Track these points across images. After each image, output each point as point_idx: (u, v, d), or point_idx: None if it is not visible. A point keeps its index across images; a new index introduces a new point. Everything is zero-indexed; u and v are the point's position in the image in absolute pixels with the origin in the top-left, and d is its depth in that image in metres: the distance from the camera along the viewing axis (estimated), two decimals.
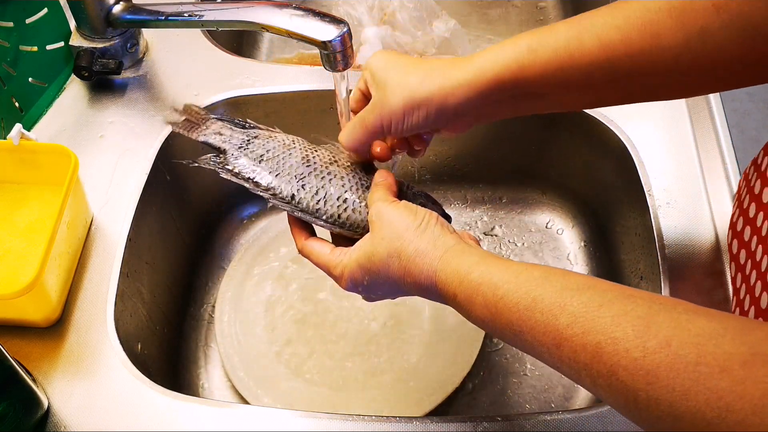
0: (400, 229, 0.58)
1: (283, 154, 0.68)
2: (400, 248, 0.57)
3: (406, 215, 0.59)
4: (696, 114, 0.83)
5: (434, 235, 0.58)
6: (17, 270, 0.71)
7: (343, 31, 0.68)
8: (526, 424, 0.63)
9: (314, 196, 0.65)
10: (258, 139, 0.68)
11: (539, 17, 1.17)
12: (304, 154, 0.68)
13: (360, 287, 0.62)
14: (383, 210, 0.60)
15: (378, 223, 0.60)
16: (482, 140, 0.92)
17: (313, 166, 0.67)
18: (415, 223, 0.59)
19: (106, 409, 0.64)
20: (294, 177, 0.66)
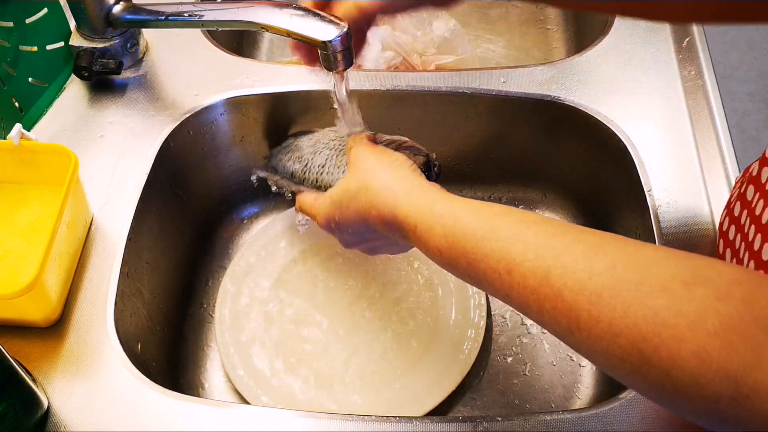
0: (370, 165, 0.63)
1: (302, 144, 0.79)
2: (368, 181, 0.61)
3: (380, 153, 0.64)
4: (696, 114, 0.83)
5: (402, 172, 0.61)
6: (17, 270, 0.71)
7: (343, 31, 0.68)
8: (526, 424, 0.63)
9: (304, 168, 0.76)
10: (299, 139, 0.81)
11: (539, 17, 1.17)
12: (315, 140, 0.77)
13: (332, 223, 0.66)
14: (360, 151, 0.65)
15: (354, 163, 0.65)
16: (482, 140, 0.92)
17: (314, 147, 0.76)
18: (386, 160, 0.62)
19: (106, 409, 0.64)
20: (297, 158, 0.76)
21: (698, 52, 0.89)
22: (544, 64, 0.89)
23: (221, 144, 0.91)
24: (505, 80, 0.87)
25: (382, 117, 0.90)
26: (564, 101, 0.85)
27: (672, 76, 0.87)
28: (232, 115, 0.89)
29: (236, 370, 0.81)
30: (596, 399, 0.80)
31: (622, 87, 0.86)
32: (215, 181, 0.94)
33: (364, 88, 0.87)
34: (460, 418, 0.64)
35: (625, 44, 0.90)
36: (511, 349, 0.84)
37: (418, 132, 0.91)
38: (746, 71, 2.16)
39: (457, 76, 0.88)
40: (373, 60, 1.01)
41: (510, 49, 1.13)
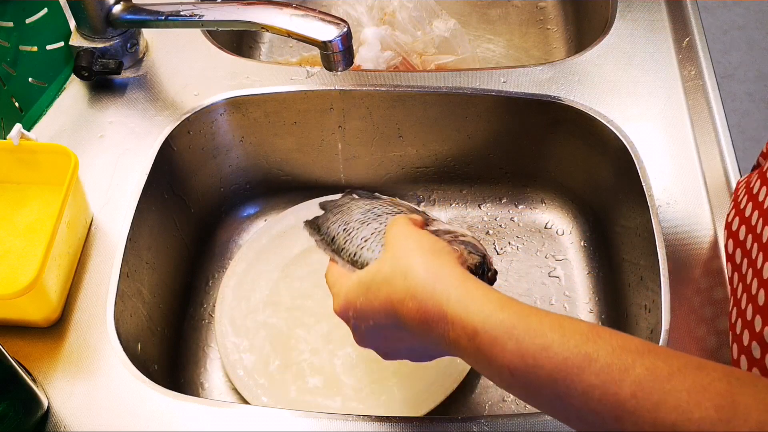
0: (410, 248, 0.51)
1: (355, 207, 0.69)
2: (407, 266, 0.49)
3: (421, 236, 0.53)
4: (696, 114, 0.83)
5: (454, 268, 0.49)
6: (17, 270, 0.71)
7: (343, 31, 0.68)
8: (526, 424, 0.63)
9: (346, 237, 0.65)
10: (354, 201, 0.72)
11: (539, 17, 1.17)
12: (367, 208, 0.67)
13: (351, 310, 0.54)
14: (398, 231, 0.54)
15: (391, 244, 0.53)
16: (482, 140, 0.92)
17: (365, 216, 0.66)
18: (427, 245, 0.51)
19: (106, 409, 0.64)
20: (344, 222, 0.67)
21: (698, 52, 0.89)
22: (544, 64, 0.89)
23: (221, 144, 0.91)
24: (505, 80, 0.87)
25: (382, 117, 0.90)
26: (564, 101, 0.85)
27: (672, 76, 0.87)
28: (232, 115, 0.89)
29: (236, 370, 0.81)
30: None
31: (622, 87, 0.86)
32: (215, 181, 0.94)
33: (364, 88, 0.87)
34: (460, 418, 0.64)
35: (625, 44, 0.90)
36: None
37: (418, 132, 0.91)
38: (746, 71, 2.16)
39: (457, 76, 0.88)
40: (372, 60, 1.01)
41: (510, 49, 1.13)
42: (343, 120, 0.91)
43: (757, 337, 0.58)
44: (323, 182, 0.97)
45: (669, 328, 0.67)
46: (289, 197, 0.96)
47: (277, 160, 0.95)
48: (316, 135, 0.92)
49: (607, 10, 0.96)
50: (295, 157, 0.95)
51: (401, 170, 0.96)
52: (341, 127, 0.91)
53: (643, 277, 0.77)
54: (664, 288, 0.70)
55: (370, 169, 0.96)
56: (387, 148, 0.94)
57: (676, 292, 0.70)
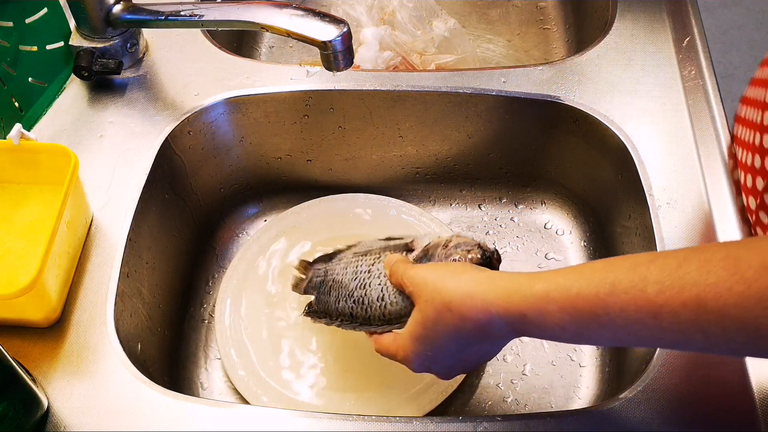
0: (437, 284, 0.57)
1: (339, 276, 0.71)
2: (446, 300, 0.55)
3: (436, 269, 0.58)
4: (696, 114, 0.83)
5: (474, 274, 0.56)
6: (17, 270, 0.71)
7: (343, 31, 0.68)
8: (526, 424, 0.63)
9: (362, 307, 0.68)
10: (332, 266, 0.73)
11: (539, 17, 1.17)
12: (352, 271, 0.70)
13: (426, 360, 0.60)
14: (412, 276, 0.59)
15: (416, 290, 0.59)
16: (482, 140, 0.92)
17: (358, 278, 0.69)
18: (449, 271, 0.57)
19: (106, 409, 0.64)
20: (346, 296, 0.69)
21: (698, 52, 0.89)
22: (544, 64, 0.89)
23: (221, 144, 0.91)
24: (505, 80, 0.87)
25: (382, 117, 0.90)
26: (564, 101, 0.85)
27: (672, 76, 0.87)
28: (232, 115, 0.89)
29: (236, 370, 0.81)
30: (596, 399, 0.80)
31: (622, 87, 0.86)
32: (215, 181, 0.94)
33: (364, 88, 0.87)
34: (460, 418, 0.64)
35: (625, 44, 0.90)
36: (510, 349, 0.84)
37: (418, 132, 0.91)
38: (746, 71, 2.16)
39: (457, 76, 0.88)
40: (370, 60, 1.01)
41: (510, 49, 1.13)
42: (343, 120, 0.91)
43: None
44: (323, 182, 0.97)
45: None
46: (289, 197, 0.96)
47: (277, 160, 0.95)
48: (316, 135, 0.92)
49: (607, 10, 0.96)
50: (295, 157, 0.95)
51: (401, 170, 0.96)
52: (341, 127, 0.91)
53: None
54: None
55: (370, 169, 0.96)
56: (387, 148, 0.94)
57: None
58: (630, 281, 0.48)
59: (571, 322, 0.51)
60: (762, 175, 0.69)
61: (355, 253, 0.71)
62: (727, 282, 0.44)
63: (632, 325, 0.48)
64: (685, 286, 0.46)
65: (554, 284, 0.52)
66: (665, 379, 0.64)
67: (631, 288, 0.48)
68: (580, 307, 0.50)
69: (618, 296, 0.48)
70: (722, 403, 0.63)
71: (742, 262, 0.44)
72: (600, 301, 0.49)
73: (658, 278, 0.47)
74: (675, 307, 0.46)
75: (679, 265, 0.47)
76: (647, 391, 0.64)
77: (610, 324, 0.49)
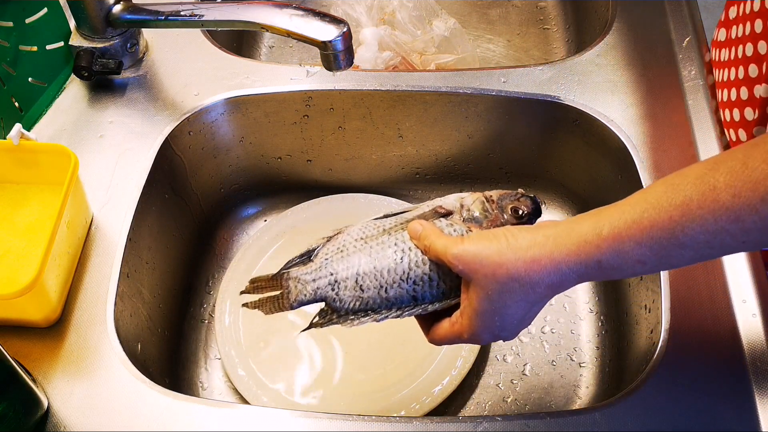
0: (494, 258, 0.54)
1: (367, 268, 0.62)
2: (510, 272, 0.53)
3: (484, 242, 0.55)
4: (696, 114, 0.83)
5: (529, 239, 0.54)
6: (17, 270, 0.71)
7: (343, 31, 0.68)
8: (526, 424, 0.63)
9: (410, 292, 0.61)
10: (333, 262, 0.63)
11: (539, 17, 1.17)
12: (380, 255, 0.62)
13: (495, 330, 0.57)
14: (460, 254, 0.56)
15: (469, 268, 0.55)
16: (482, 140, 0.92)
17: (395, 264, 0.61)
18: (501, 243, 0.54)
19: (106, 409, 0.64)
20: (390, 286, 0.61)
21: (698, 52, 0.89)
22: (544, 64, 0.89)
23: (221, 144, 0.91)
24: (505, 80, 0.87)
25: (382, 117, 0.90)
26: (564, 101, 0.85)
27: (672, 76, 0.87)
28: (232, 115, 0.89)
29: (236, 370, 0.81)
30: (596, 399, 0.80)
31: (622, 87, 0.86)
32: (215, 181, 0.94)
33: (364, 88, 0.87)
34: (460, 418, 0.64)
35: (625, 44, 0.90)
36: (510, 349, 0.84)
37: (418, 132, 0.91)
38: None
39: (457, 76, 0.88)
40: (369, 60, 1.01)
41: (510, 49, 1.13)
42: (343, 120, 0.91)
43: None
44: (323, 182, 0.97)
45: (669, 328, 0.67)
46: (289, 197, 0.96)
47: (277, 160, 0.95)
48: (316, 135, 0.92)
49: (607, 10, 0.96)
50: (295, 157, 0.95)
51: (401, 170, 0.96)
52: (341, 127, 0.91)
53: (643, 277, 0.77)
54: (664, 288, 0.70)
55: (370, 169, 0.96)
56: (387, 148, 0.94)
57: (676, 292, 0.70)
58: (701, 195, 0.47)
59: (650, 254, 0.50)
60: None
61: (362, 238, 0.63)
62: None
63: (715, 236, 0.48)
64: (758, 181, 0.45)
65: (622, 222, 0.50)
66: (665, 379, 0.64)
67: (704, 201, 0.47)
68: (658, 236, 0.49)
69: (693, 213, 0.48)
70: (722, 404, 0.63)
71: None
72: (677, 224, 0.48)
73: (727, 182, 0.46)
74: (754, 205, 0.46)
75: (744, 164, 0.46)
76: (647, 391, 0.64)
77: (692, 243, 0.49)
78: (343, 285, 0.62)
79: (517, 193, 0.63)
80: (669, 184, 0.50)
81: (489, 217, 0.62)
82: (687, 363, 0.65)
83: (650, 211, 0.50)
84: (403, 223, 0.63)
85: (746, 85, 0.75)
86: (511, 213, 0.62)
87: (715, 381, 0.64)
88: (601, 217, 0.52)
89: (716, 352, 0.66)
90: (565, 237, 0.53)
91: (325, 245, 0.64)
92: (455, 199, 0.64)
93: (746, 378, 0.64)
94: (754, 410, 0.63)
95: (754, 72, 0.74)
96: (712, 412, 0.63)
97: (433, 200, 0.64)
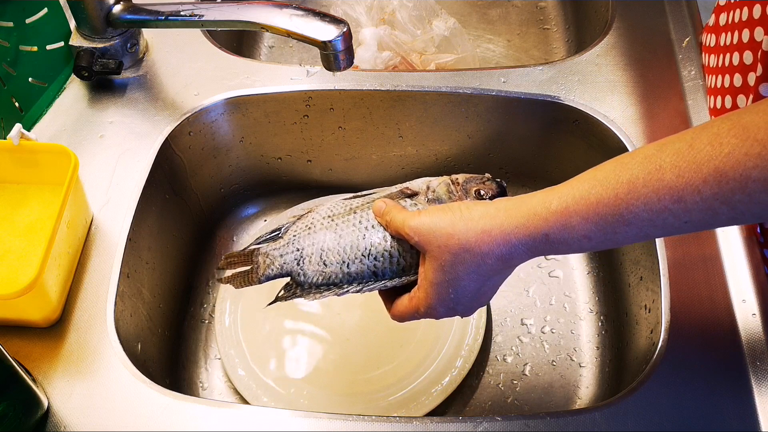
0: (447, 229, 0.56)
1: (332, 245, 0.64)
2: (462, 242, 0.55)
3: (438, 213, 0.57)
4: (696, 114, 0.83)
5: (481, 211, 0.56)
6: (17, 270, 0.71)
7: (343, 31, 0.68)
8: (526, 424, 0.63)
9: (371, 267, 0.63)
10: (300, 238, 0.65)
11: (539, 17, 1.17)
12: (345, 232, 0.64)
13: (450, 303, 0.59)
14: (416, 226, 0.57)
15: (424, 239, 0.57)
16: (482, 140, 0.92)
17: (359, 240, 0.64)
18: (455, 215, 0.56)
19: (106, 409, 0.64)
20: (351, 262, 0.63)
21: (698, 52, 0.89)
22: (544, 64, 0.89)
23: (221, 144, 0.91)
24: (505, 80, 0.87)
25: (382, 117, 0.90)
26: (564, 101, 0.85)
27: (672, 76, 0.87)
28: (232, 115, 0.89)
29: (236, 370, 0.81)
30: (596, 399, 0.80)
31: (622, 87, 0.86)
32: (215, 181, 0.94)
33: (364, 88, 0.87)
34: (460, 418, 0.64)
35: (625, 44, 0.90)
36: (510, 349, 0.84)
37: (418, 132, 0.91)
38: None
39: (457, 76, 0.88)
40: (369, 60, 1.01)
41: (510, 49, 1.13)
42: (343, 120, 0.91)
43: None
44: (323, 182, 0.97)
45: (669, 328, 0.67)
46: (289, 197, 0.97)
47: (277, 160, 0.95)
48: (316, 135, 0.92)
49: (607, 10, 0.96)
50: (295, 157, 0.95)
51: (401, 170, 0.96)
52: (341, 127, 0.91)
53: (643, 277, 0.77)
54: (664, 288, 0.70)
55: (370, 169, 0.96)
56: (387, 148, 0.94)
57: (676, 292, 0.70)
58: (646, 174, 0.49)
59: (596, 230, 0.51)
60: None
61: (330, 216, 0.66)
62: (742, 148, 0.45)
63: (658, 215, 0.49)
64: (702, 163, 0.46)
65: (570, 197, 0.52)
66: (665, 379, 0.64)
67: (649, 180, 0.49)
68: (603, 212, 0.50)
69: (638, 191, 0.49)
70: (722, 403, 0.63)
71: (751, 126, 0.45)
72: (621, 201, 0.50)
73: (673, 162, 0.48)
74: (697, 186, 0.47)
75: (690, 146, 0.47)
76: (647, 391, 0.64)
77: (636, 220, 0.50)
78: (307, 260, 0.64)
79: (484, 177, 0.65)
80: (618, 162, 0.52)
81: (453, 198, 0.64)
82: (687, 363, 0.65)
83: (597, 188, 0.51)
84: (369, 203, 0.65)
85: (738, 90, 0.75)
86: (474, 195, 0.64)
87: (715, 381, 0.64)
88: (552, 192, 0.54)
89: (716, 352, 0.66)
90: (515, 209, 0.54)
91: (294, 223, 0.67)
92: (422, 181, 0.66)
93: (746, 378, 0.64)
94: (754, 410, 0.63)
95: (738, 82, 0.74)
96: (712, 412, 0.63)
97: (402, 183, 0.66)
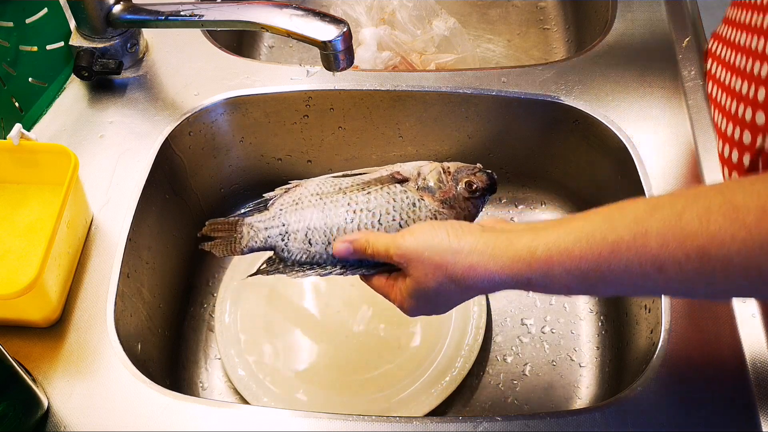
0: (435, 259, 0.57)
1: (319, 224, 0.64)
2: (449, 274, 0.56)
3: (425, 238, 0.58)
4: (696, 114, 0.83)
5: (471, 243, 0.56)
6: (17, 270, 0.71)
7: (343, 31, 0.68)
8: (526, 424, 0.63)
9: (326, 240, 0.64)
10: (287, 213, 0.65)
11: (539, 17, 1.17)
12: (334, 212, 0.65)
13: (426, 312, 0.61)
14: (402, 247, 0.58)
15: (410, 265, 0.58)
16: (482, 140, 0.92)
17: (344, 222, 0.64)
18: (442, 242, 0.57)
19: (106, 409, 0.64)
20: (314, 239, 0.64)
21: (698, 52, 0.89)
22: (544, 64, 0.89)
23: (221, 144, 0.91)
24: (505, 80, 0.87)
25: (382, 117, 0.90)
26: (564, 101, 0.85)
27: (672, 76, 0.87)
28: (232, 115, 0.89)
29: (236, 370, 0.81)
30: (596, 399, 0.80)
31: (622, 87, 0.86)
32: (215, 181, 0.94)
33: (364, 88, 0.87)
34: (460, 418, 0.64)
35: (625, 44, 0.90)
36: (510, 349, 0.84)
37: (418, 132, 0.91)
38: None
39: (457, 76, 0.88)
40: (369, 60, 1.01)
41: (510, 49, 1.13)
42: (343, 120, 0.91)
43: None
44: None
45: (669, 328, 0.67)
46: None
47: (277, 160, 0.95)
48: (316, 135, 0.92)
49: (607, 10, 0.96)
50: (295, 157, 0.95)
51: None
52: (341, 127, 0.91)
53: None
54: None
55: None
56: (387, 148, 0.94)
57: None
58: (632, 237, 0.49)
59: (576, 282, 0.52)
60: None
61: (318, 194, 0.65)
62: (729, 229, 0.45)
63: (637, 280, 0.49)
64: (687, 237, 0.46)
65: (555, 248, 0.52)
66: (665, 379, 0.64)
67: (633, 245, 0.48)
68: (585, 268, 0.51)
69: (622, 255, 0.49)
70: (722, 404, 0.63)
71: (742, 208, 0.45)
72: (604, 261, 0.50)
73: (659, 231, 0.48)
74: (679, 259, 0.47)
75: (679, 217, 0.47)
76: (647, 391, 0.64)
77: (615, 281, 0.50)
78: (293, 237, 0.64)
79: (475, 168, 0.66)
80: (607, 219, 0.52)
81: (443, 188, 0.64)
82: (687, 363, 0.65)
83: (582, 243, 0.51)
84: (359, 184, 0.65)
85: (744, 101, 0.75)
86: (465, 187, 0.64)
87: (715, 381, 0.64)
88: (539, 236, 0.54)
89: (716, 352, 0.66)
90: (503, 249, 0.55)
91: (282, 196, 0.67)
92: (413, 166, 0.66)
93: (746, 378, 0.64)
94: (754, 409, 0.63)
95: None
96: (712, 412, 0.63)
97: (393, 165, 0.66)
